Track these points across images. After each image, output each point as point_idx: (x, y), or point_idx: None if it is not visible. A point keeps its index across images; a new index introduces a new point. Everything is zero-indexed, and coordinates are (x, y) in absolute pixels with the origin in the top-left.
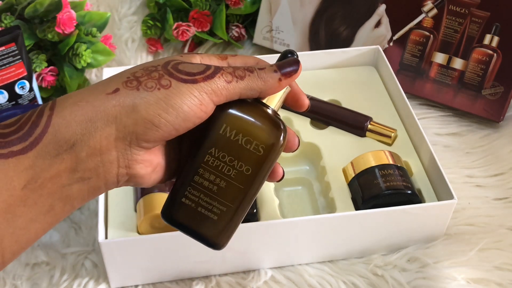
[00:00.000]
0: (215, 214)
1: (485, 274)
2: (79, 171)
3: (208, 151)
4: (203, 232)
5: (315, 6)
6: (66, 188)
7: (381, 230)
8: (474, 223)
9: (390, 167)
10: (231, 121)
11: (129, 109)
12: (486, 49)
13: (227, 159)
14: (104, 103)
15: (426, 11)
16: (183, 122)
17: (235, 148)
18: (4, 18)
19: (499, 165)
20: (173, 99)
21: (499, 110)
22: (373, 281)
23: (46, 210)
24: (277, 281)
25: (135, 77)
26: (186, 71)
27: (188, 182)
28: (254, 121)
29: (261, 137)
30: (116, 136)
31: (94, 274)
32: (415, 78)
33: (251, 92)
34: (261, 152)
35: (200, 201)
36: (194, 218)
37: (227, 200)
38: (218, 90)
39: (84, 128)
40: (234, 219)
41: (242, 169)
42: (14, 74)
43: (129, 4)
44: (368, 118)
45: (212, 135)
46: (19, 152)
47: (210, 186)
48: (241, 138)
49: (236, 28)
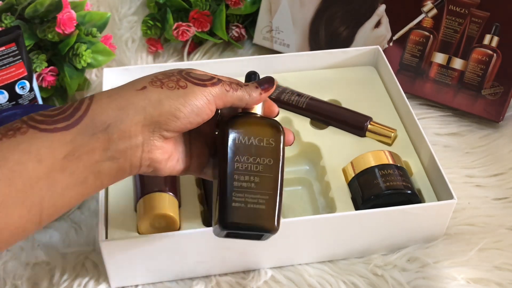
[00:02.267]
0: (262, 204)
1: (485, 274)
2: (111, 151)
3: (234, 160)
4: (260, 222)
5: (315, 6)
6: (98, 164)
7: (381, 230)
8: (474, 223)
9: (390, 167)
10: (241, 130)
11: (155, 102)
12: (486, 49)
13: (251, 159)
14: (134, 97)
15: (426, 11)
16: (196, 116)
17: (252, 149)
18: (4, 18)
19: (499, 165)
20: (189, 97)
21: (499, 110)
22: (373, 281)
23: (80, 181)
24: (277, 281)
25: (158, 79)
26: (198, 77)
27: (230, 189)
28: (256, 124)
29: (268, 133)
30: (143, 124)
31: (95, 274)
32: (415, 78)
33: (240, 102)
34: (273, 144)
35: (247, 199)
36: (248, 215)
37: (265, 189)
38: (221, 95)
39: (117, 115)
40: (277, 202)
41: (265, 162)
42: (14, 74)
43: (129, 4)
44: (368, 118)
45: (231, 148)
46: (63, 128)
47: (248, 185)
48: (254, 140)
49: (236, 28)
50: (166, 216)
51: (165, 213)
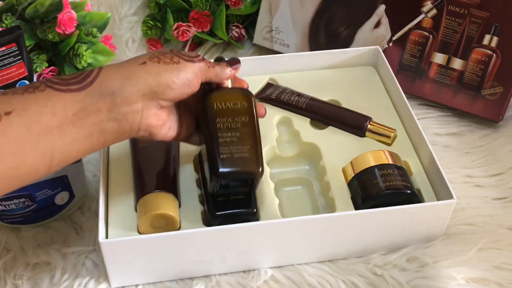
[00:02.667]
0: (245, 152)
1: (485, 273)
2: (114, 112)
3: (216, 122)
4: (247, 168)
5: (315, 6)
6: (103, 123)
7: (381, 230)
8: (473, 223)
9: (389, 167)
10: (217, 99)
11: (154, 75)
12: (485, 49)
13: (230, 119)
14: (137, 69)
15: (425, 11)
16: (187, 88)
17: (229, 111)
18: (4, 18)
19: (499, 165)
20: (181, 71)
21: (498, 110)
22: (372, 280)
23: (87, 136)
24: (277, 280)
25: (155, 56)
26: (187, 55)
27: (217, 145)
28: (229, 92)
29: (239, 97)
30: (143, 93)
31: (95, 274)
32: (414, 78)
33: (215, 78)
34: (245, 105)
35: (232, 151)
36: (235, 162)
37: (246, 140)
38: (204, 70)
39: (122, 83)
40: (258, 149)
41: (242, 120)
42: (15, 74)
43: (129, 4)
44: (367, 118)
45: (212, 112)
46: (75, 90)
47: (231, 139)
48: (229, 104)
49: (236, 28)
50: (166, 216)
51: (165, 213)
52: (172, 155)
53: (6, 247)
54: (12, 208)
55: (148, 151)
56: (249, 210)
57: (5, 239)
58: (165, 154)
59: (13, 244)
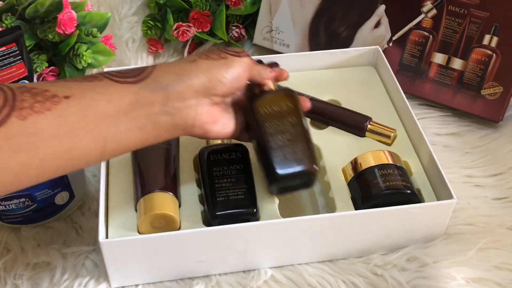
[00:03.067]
0: (298, 153)
1: (484, 273)
2: (168, 106)
3: (265, 126)
4: (302, 167)
5: (315, 6)
6: (156, 115)
7: (381, 229)
8: (473, 223)
9: (389, 167)
10: (263, 103)
11: (205, 71)
12: (485, 49)
13: (279, 122)
14: (188, 66)
15: (425, 11)
16: (236, 82)
17: (277, 114)
18: (5, 18)
19: (499, 165)
20: (230, 66)
21: (498, 110)
22: (372, 280)
23: (140, 127)
24: (277, 280)
25: (204, 54)
26: (233, 50)
27: (270, 149)
28: (273, 94)
29: (284, 98)
30: (196, 89)
31: (95, 274)
32: (414, 78)
33: (259, 76)
34: (291, 107)
35: (285, 153)
36: (290, 163)
37: (297, 141)
38: (250, 65)
39: (175, 79)
40: (309, 148)
41: (291, 121)
42: (15, 74)
43: (129, 4)
44: (367, 118)
45: (261, 118)
46: (131, 82)
47: (283, 142)
48: (276, 107)
49: (236, 28)
50: (166, 215)
51: (165, 213)
52: (172, 155)
53: (6, 247)
54: (12, 208)
55: (148, 151)
56: (249, 210)
57: (5, 239)
58: (165, 154)
59: (13, 244)
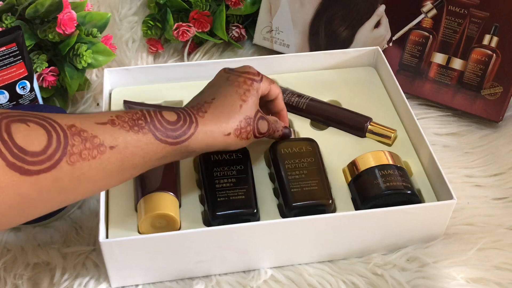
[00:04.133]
0: (314, 186)
1: (484, 273)
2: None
3: (285, 163)
4: (317, 199)
5: (315, 6)
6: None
7: (381, 230)
8: (473, 223)
9: (390, 167)
10: (284, 146)
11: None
12: (485, 49)
13: (297, 160)
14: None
15: (425, 11)
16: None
17: (295, 154)
18: (5, 18)
19: (498, 165)
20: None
21: (498, 110)
22: (372, 280)
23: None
24: (277, 280)
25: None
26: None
27: (288, 181)
28: (295, 140)
29: (304, 144)
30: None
31: (95, 274)
32: (414, 78)
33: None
34: (309, 149)
35: (302, 185)
36: (307, 195)
37: (314, 177)
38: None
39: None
40: (324, 182)
41: (308, 160)
42: (15, 74)
43: (129, 4)
44: (368, 119)
45: (280, 156)
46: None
47: (300, 176)
48: (295, 149)
49: (236, 28)
50: (167, 216)
51: (166, 213)
52: None
53: (6, 247)
54: None
55: None
56: (249, 210)
57: (5, 239)
58: None
59: (13, 244)
